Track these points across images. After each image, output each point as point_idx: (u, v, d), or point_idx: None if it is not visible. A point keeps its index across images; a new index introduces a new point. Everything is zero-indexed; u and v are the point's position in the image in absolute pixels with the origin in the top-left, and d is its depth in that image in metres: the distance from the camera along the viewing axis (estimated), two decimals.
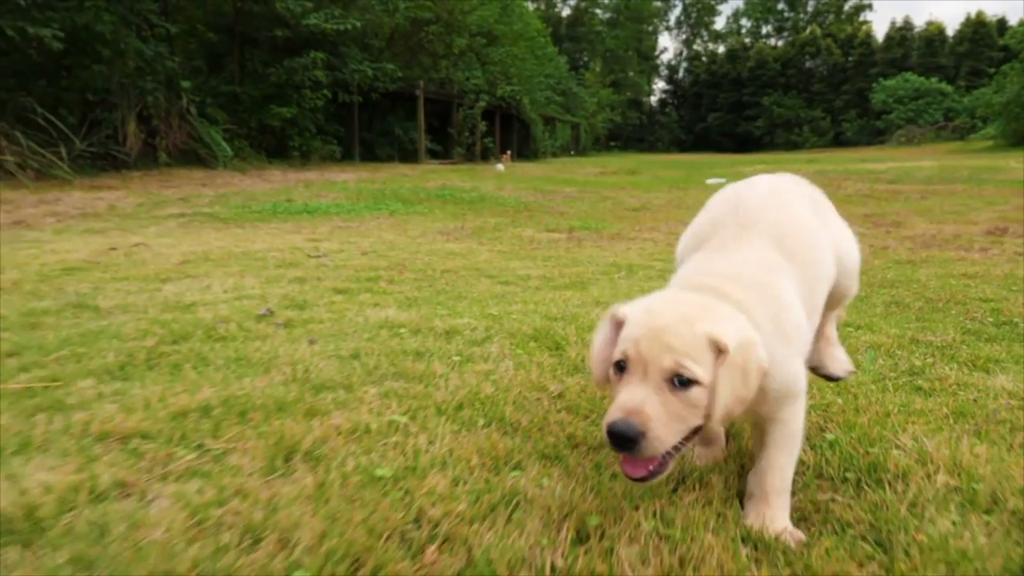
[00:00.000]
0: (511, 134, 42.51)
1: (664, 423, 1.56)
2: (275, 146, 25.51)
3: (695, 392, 1.59)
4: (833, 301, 2.22)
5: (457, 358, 3.07)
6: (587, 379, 2.84)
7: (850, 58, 75.53)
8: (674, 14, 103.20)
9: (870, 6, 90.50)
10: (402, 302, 4.41)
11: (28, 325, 3.76)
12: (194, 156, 21.89)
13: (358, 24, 24.70)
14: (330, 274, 5.47)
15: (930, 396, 2.64)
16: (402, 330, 3.54)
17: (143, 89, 20.12)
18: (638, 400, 1.56)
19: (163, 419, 2.28)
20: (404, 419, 2.31)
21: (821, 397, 2.64)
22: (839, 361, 2.44)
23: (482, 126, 36.67)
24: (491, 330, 3.57)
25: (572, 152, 55.46)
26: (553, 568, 1.50)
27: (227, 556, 1.51)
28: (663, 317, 1.64)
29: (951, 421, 2.36)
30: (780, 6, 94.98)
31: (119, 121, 19.65)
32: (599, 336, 1.81)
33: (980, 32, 68.83)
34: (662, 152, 75.94)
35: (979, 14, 69.50)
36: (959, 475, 1.89)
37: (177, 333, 3.47)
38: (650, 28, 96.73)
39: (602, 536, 1.63)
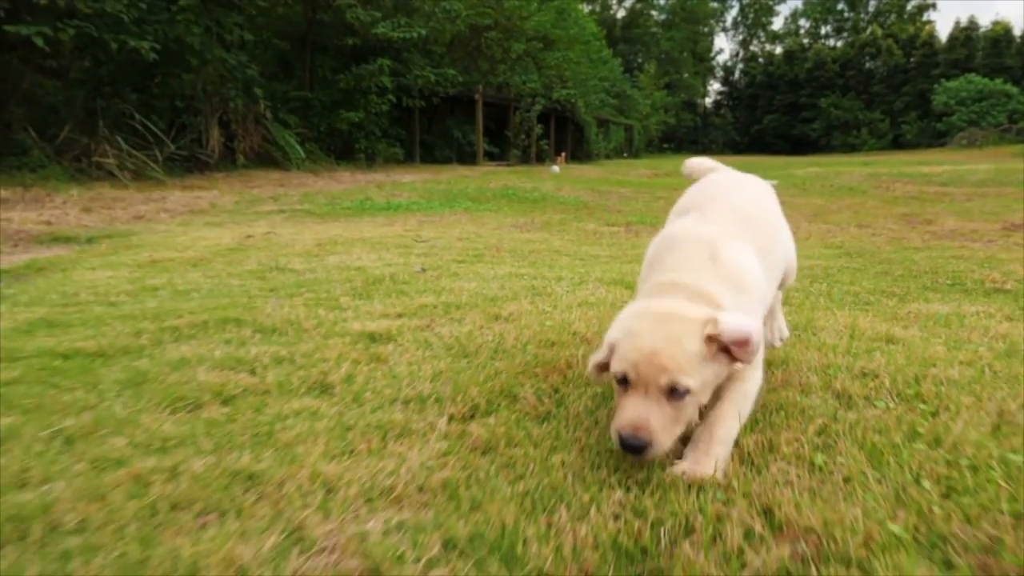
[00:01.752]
0: (565, 136, 44.22)
1: (665, 430, 2.00)
2: (342, 148, 27.51)
3: (688, 400, 2.05)
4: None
5: (568, 287, 4.87)
6: None
7: (911, 59, 75.94)
8: (731, 15, 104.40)
9: (933, 6, 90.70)
10: (513, 265, 6.19)
11: (258, 276, 5.60)
12: (268, 158, 23.88)
13: (423, 32, 26.59)
14: (442, 252, 7.22)
15: (864, 310, 4.34)
16: (524, 277, 5.33)
17: (225, 96, 22.24)
18: (644, 415, 1.98)
19: (412, 310, 4.11)
20: (549, 308, 4.13)
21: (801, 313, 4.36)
22: (777, 331, 3.28)
23: (538, 129, 38.42)
24: (585, 278, 5.34)
25: (625, 154, 56.83)
26: None
27: (502, 345, 3.32)
28: (652, 341, 2.06)
29: (868, 314, 4.07)
30: (840, 6, 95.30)
31: (202, 126, 21.75)
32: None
33: None
34: (716, 154, 76.35)
35: None
36: (850, 327, 3.60)
37: (370, 280, 5.28)
38: (706, 29, 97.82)
39: None
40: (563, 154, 39.38)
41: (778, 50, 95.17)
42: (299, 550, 1.66)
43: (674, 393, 2.00)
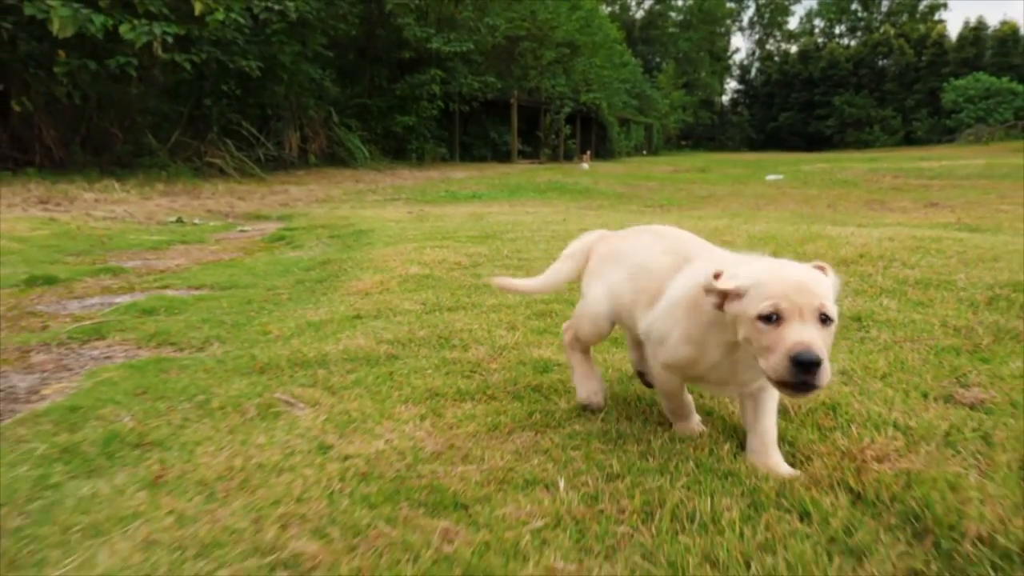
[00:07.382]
0: (590, 135, 48.50)
1: (826, 353, 2.03)
2: (396, 149, 31.87)
3: (832, 328, 2.12)
4: None
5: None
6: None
7: (922, 58, 79.63)
8: (747, 15, 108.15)
9: (945, 5, 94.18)
10: (607, 218, 10.35)
11: (474, 221, 9.78)
12: (335, 158, 28.14)
13: (472, 46, 30.88)
14: (554, 216, 11.28)
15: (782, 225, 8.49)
16: (620, 222, 9.50)
17: (304, 104, 26.50)
18: (812, 335, 2.03)
19: (594, 226, 8.29)
20: None
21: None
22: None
23: (566, 129, 42.60)
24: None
25: (644, 152, 61.11)
26: None
27: None
28: (795, 275, 2.15)
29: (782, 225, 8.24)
30: (854, 6, 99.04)
31: (284, 130, 25.95)
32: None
33: None
34: (732, 151, 79.98)
35: None
36: (765, 238, 7.78)
37: (546, 221, 9.55)
38: (722, 29, 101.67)
39: None
40: (588, 152, 43.42)
41: (793, 49, 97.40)
42: None
43: (825, 321, 2.09)
